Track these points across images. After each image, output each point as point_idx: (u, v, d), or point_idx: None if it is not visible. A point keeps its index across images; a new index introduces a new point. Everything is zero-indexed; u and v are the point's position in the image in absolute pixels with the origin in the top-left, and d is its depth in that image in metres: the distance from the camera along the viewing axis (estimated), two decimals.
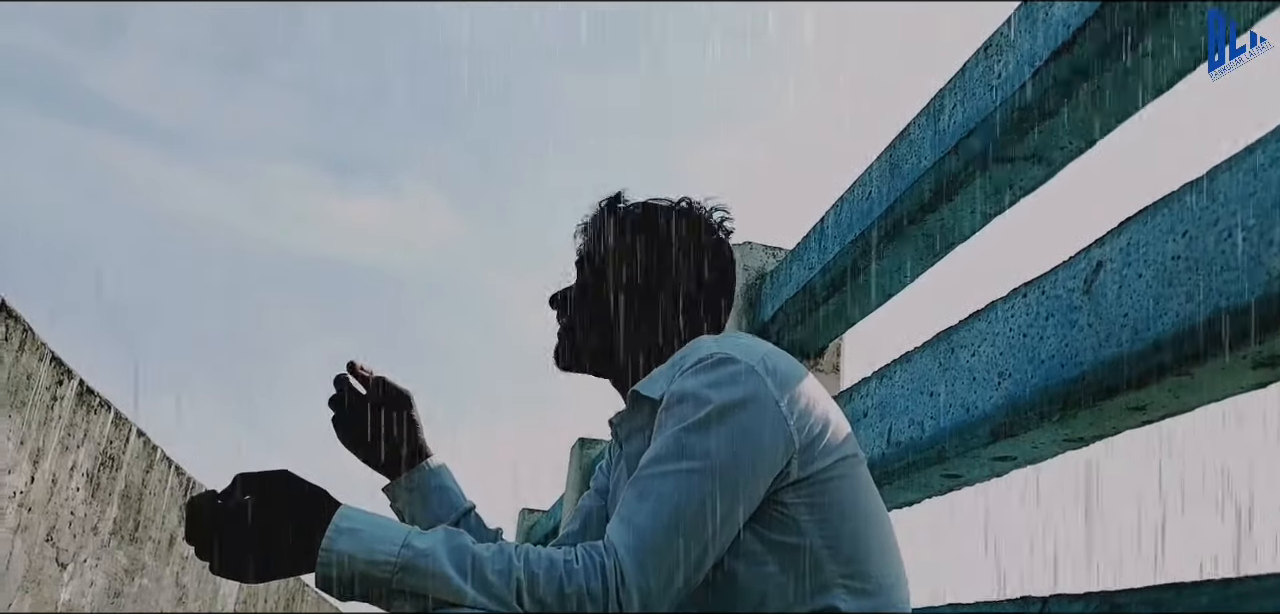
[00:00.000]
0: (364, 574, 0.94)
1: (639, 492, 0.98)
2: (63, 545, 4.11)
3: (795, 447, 1.02)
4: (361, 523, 0.97)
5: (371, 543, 0.95)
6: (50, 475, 3.94)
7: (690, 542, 0.96)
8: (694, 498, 0.96)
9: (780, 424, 1.02)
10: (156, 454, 5.02)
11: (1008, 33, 1.38)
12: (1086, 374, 1.15)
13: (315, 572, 0.96)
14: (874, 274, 1.80)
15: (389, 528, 0.97)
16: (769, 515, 1.02)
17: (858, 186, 1.80)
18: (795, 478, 1.02)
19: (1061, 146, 1.38)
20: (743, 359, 1.04)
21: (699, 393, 1.01)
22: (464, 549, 0.95)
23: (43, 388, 3.82)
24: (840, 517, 1.04)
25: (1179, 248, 1.04)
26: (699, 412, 1.00)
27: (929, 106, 1.57)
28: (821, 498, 1.03)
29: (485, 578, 0.93)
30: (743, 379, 1.02)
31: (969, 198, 1.52)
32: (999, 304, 1.37)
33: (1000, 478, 1.46)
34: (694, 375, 1.04)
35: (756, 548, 1.02)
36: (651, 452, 1.02)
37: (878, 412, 1.65)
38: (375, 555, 0.94)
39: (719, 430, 0.99)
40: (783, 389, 1.03)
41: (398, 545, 0.95)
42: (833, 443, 1.06)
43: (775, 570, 1.01)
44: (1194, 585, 0.99)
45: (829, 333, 2.09)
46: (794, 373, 1.07)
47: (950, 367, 1.45)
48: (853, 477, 1.08)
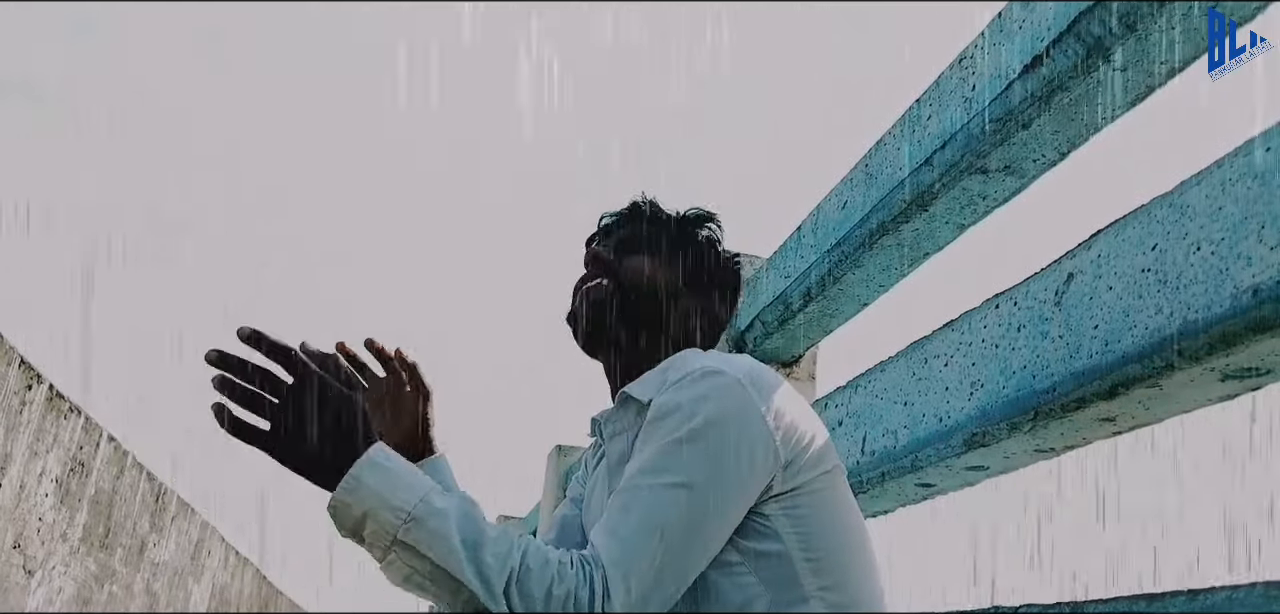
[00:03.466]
0: (375, 514, 0.94)
1: (624, 503, 0.99)
2: (31, 553, 4.05)
3: (779, 460, 1.03)
4: (393, 465, 0.97)
5: (396, 486, 0.95)
6: (18, 482, 3.88)
7: (674, 556, 0.97)
8: (679, 513, 0.97)
9: (766, 438, 1.03)
10: (128, 459, 4.96)
11: (981, 44, 1.39)
12: (1057, 385, 1.16)
13: (332, 495, 0.95)
14: (850, 283, 1.81)
15: (416, 478, 0.98)
16: (749, 526, 1.03)
17: (834, 195, 1.80)
18: (778, 490, 1.03)
19: (1035, 158, 1.39)
20: (729, 373, 1.05)
21: (686, 406, 1.02)
22: (474, 521, 0.96)
23: (11, 392, 3.77)
24: (819, 529, 1.05)
25: (1149, 260, 1.05)
26: (685, 426, 1.01)
27: (905, 117, 1.58)
28: (802, 510, 1.04)
29: (482, 557, 0.94)
30: (729, 393, 1.03)
31: (944, 208, 1.53)
32: (972, 314, 1.37)
33: (972, 487, 1.47)
34: (682, 389, 1.05)
35: (735, 558, 1.03)
36: (637, 463, 1.03)
37: (852, 420, 1.65)
38: (395, 500, 0.95)
39: (705, 445, 1.00)
40: (768, 403, 1.04)
41: (418, 497, 0.95)
42: (815, 456, 1.07)
43: (754, 580, 1.02)
44: (1164, 596, 1.00)
45: (805, 341, 2.09)
46: (779, 388, 1.08)
47: (924, 376, 1.46)
48: (833, 489, 1.09)
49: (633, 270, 1.26)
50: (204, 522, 6.28)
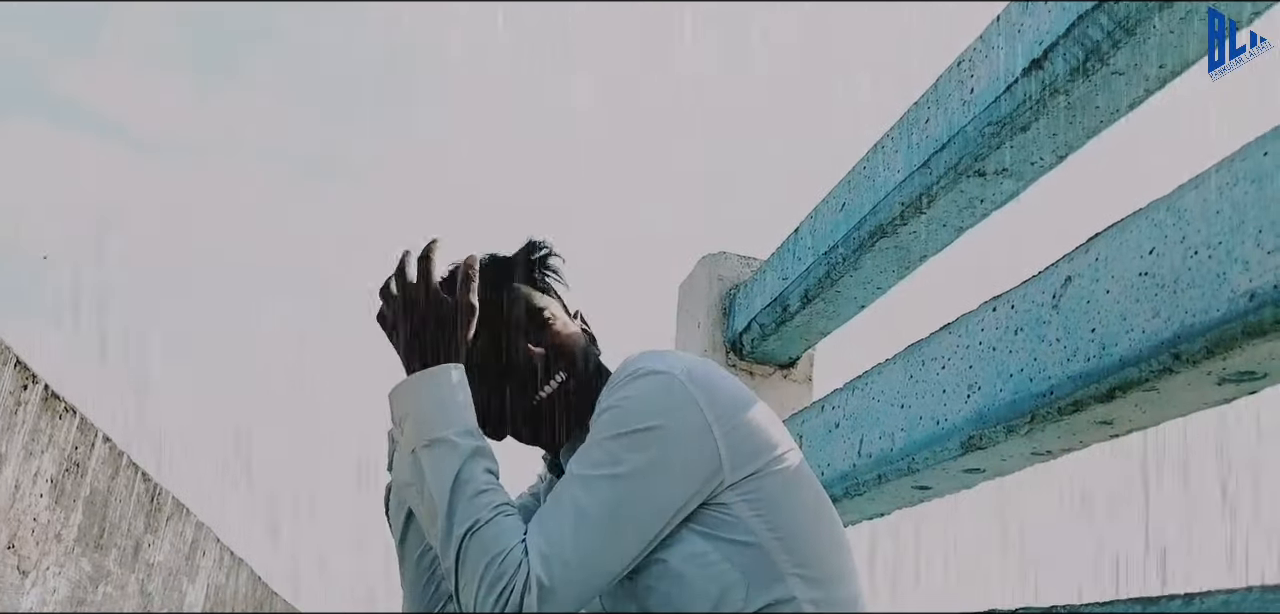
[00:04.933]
0: (415, 418, 1.05)
1: (556, 496, 1.03)
2: (25, 553, 4.04)
3: (722, 451, 1.04)
4: (451, 389, 1.06)
5: (443, 408, 1.05)
6: (13, 482, 3.87)
7: (600, 544, 1.00)
8: (606, 504, 1.00)
9: (704, 432, 1.04)
10: (123, 460, 4.94)
11: (981, 47, 1.39)
12: (1055, 388, 1.16)
13: (400, 384, 1.08)
14: (847, 285, 1.81)
15: (461, 413, 1.06)
16: (713, 517, 1.04)
17: (832, 198, 1.80)
18: (730, 481, 1.04)
19: (1033, 161, 1.39)
20: (666, 370, 1.06)
21: (621, 404, 1.05)
22: (473, 475, 1.02)
23: (6, 392, 3.76)
24: (783, 510, 1.06)
25: (1146, 264, 1.05)
26: (620, 422, 1.04)
27: (903, 119, 1.58)
28: (761, 495, 1.05)
29: (455, 508, 1.01)
30: (664, 388, 1.05)
31: (942, 211, 1.53)
32: (969, 317, 1.38)
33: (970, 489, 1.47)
34: (617, 388, 1.07)
35: (705, 548, 1.04)
36: (572, 460, 1.06)
37: (849, 423, 1.65)
38: (433, 417, 1.04)
39: (638, 439, 1.02)
40: (707, 396, 1.06)
41: (451, 429, 1.04)
42: (764, 442, 1.08)
43: (728, 567, 1.03)
44: (1160, 599, 1.00)
45: (802, 343, 2.09)
46: (718, 381, 1.09)
47: (921, 379, 1.46)
48: (789, 471, 1.10)
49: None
50: (199, 522, 6.27)
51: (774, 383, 2.17)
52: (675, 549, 1.03)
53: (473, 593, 0.98)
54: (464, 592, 1.00)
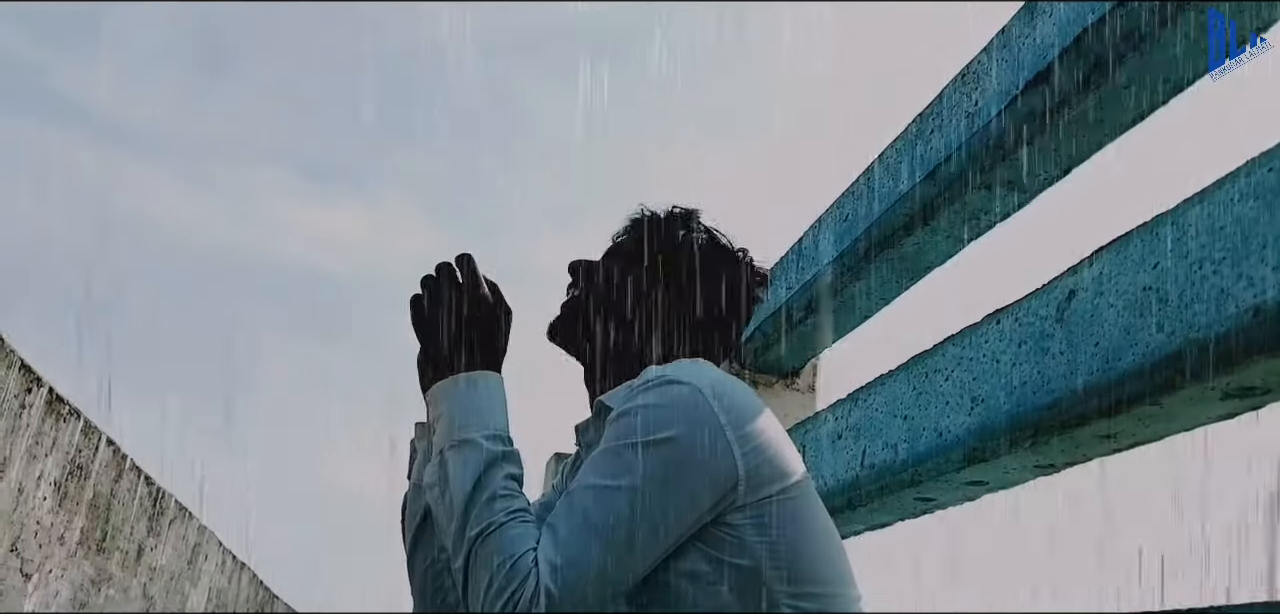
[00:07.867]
0: (449, 419, 1.07)
1: (568, 504, 1.02)
2: (28, 556, 4.05)
3: (740, 471, 1.03)
4: (484, 393, 1.09)
5: (476, 410, 1.07)
6: (16, 485, 3.87)
7: (611, 556, 0.98)
8: (618, 514, 0.99)
9: (725, 449, 1.03)
10: (126, 463, 4.95)
11: (985, 61, 1.39)
12: (1058, 401, 1.16)
13: (437, 383, 1.10)
14: (851, 296, 1.81)
15: (493, 416, 1.08)
16: (718, 537, 1.03)
17: (836, 208, 1.81)
18: (743, 501, 1.03)
19: (1036, 174, 1.39)
20: (689, 382, 1.05)
21: (639, 412, 1.04)
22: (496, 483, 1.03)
23: (11, 396, 3.77)
24: (789, 538, 1.05)
25: (1150, 278, 1.05)
26: (635, 430, 1.02)
27: (907, 132, 1.58)
28: (769, 520, 1.04)
29: (471, 507, 1.01)
30: (686, 400, 1.04)
31: (946, 222, 1.53)
32: (973, 330, 1.37)
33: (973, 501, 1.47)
34: (637, 395, 1.06)
35: (705, 568, 1.03)
36: (586, 465, 1.04)
37: (852, 434, 1.65)
38: (463, 419, 1.06)
39: (653, 450, 1.01)
40: (729, 414, 1.04)
41: (479, 432, 1.06)
42: (781, 468, 1.07)
43: (725, 590, 1.02)
44: None
45: (805, 353, 2.09)
46: (743, 399, 1.08)
47: (925, 391, 1.45)
48: (801, 499, 1.09)
49: (604, 274, 1.27)
50: (201, 526, 6.27)
51: (777, 392, 2.17)
52: (676, 564, 1.02)
53: (481, 596, 0.98)
54: (473, 594, 0.99)
